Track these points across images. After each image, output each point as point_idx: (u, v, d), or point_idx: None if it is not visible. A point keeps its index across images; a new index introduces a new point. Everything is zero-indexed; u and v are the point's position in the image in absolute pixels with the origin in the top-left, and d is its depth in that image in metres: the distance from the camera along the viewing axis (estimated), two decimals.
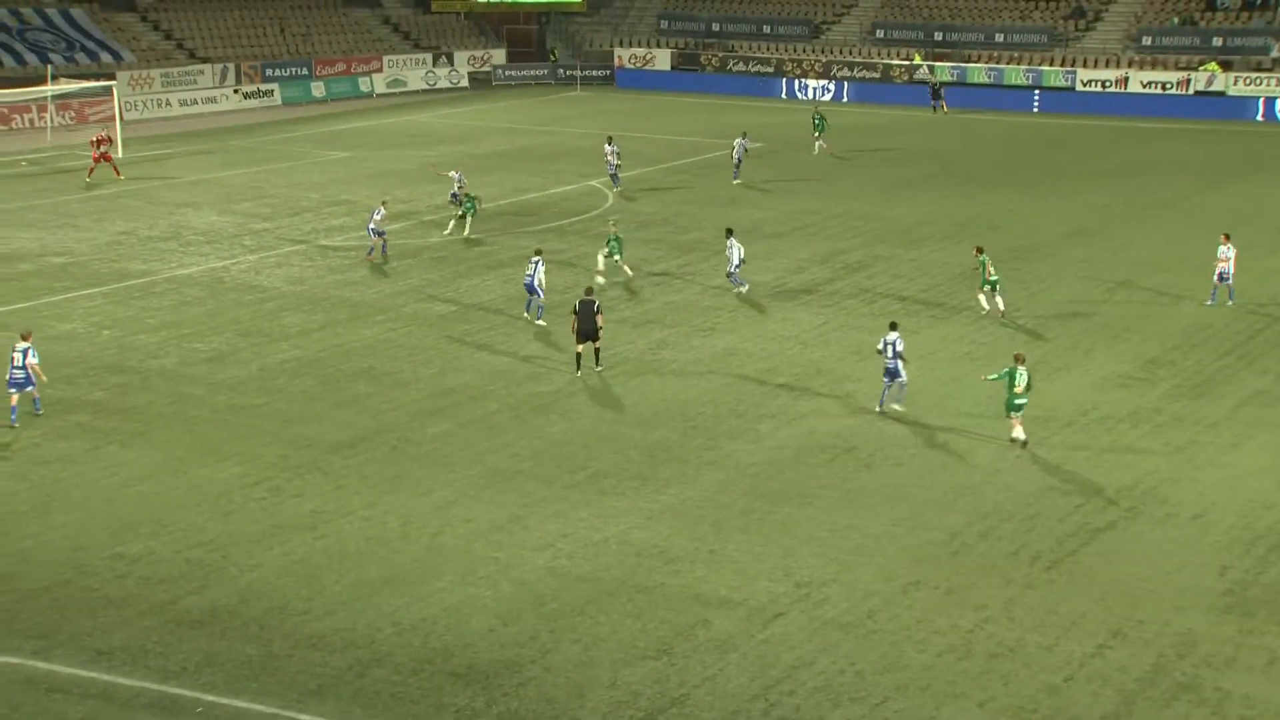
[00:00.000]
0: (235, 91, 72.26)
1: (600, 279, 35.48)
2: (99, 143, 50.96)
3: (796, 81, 77.46)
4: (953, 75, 74.87)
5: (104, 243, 40.93)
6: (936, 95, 72.57)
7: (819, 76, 77.35)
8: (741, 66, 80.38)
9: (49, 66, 64.17)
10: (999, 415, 26.33)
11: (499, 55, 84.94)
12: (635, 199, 47.59)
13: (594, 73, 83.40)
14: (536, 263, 32.39)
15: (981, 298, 33.43)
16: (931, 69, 75.05)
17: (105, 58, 70.02)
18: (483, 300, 34.92)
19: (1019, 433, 25.01)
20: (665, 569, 20.28)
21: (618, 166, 48.34)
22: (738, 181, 50.18)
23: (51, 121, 62.21)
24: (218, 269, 38.01)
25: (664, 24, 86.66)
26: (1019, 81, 73.36)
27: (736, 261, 35.13)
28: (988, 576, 20.14)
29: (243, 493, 22.92)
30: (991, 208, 46.75)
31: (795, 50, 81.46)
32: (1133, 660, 17.90)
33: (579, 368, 29.00)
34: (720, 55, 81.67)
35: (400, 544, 21.10)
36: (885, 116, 70.66)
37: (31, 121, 62.70)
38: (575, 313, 28.77)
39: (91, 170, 51.00)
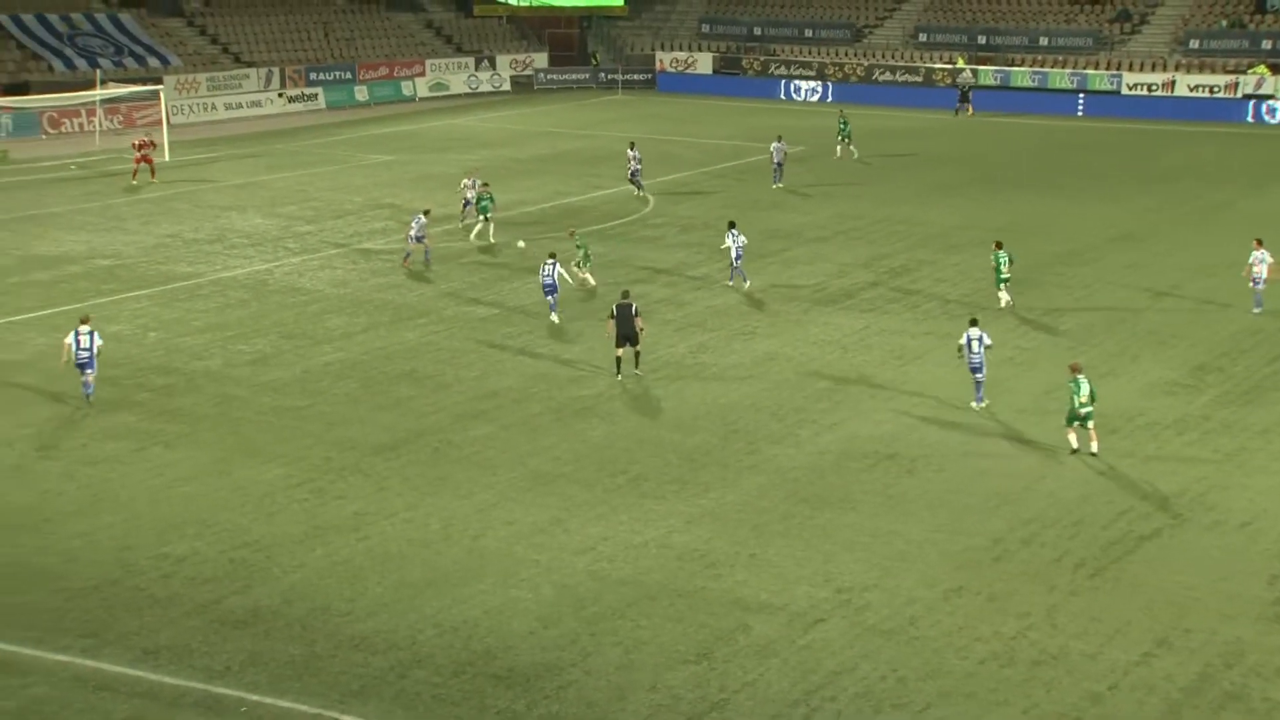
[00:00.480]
0: (280, 95, 72.79)
1: (590, 280, 35.77)
2: (140, 146, 51.43)
3: (792, 83, 77.22)
4: (996, 79, 74.46)
5: (150, 245, 41.33)
6: (964, 98, 72.27)
7: (860, 80, 77.11)
8: (783, 70, 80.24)
9: (98, 71, 64.88)
10: (1042, 420, 26.17)
11: (541, 59, 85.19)
12: (678, 203, 47.59)
13: (635, 76, 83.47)
14: (553, 264, 32.82)
15: (1001, 294, 33.90)
16: (957, 71, 74.66)
17: (153, 62, 70.69)
18: (524, 303, 35.00)
19: (1091, 445, 24.52)
20: (706, 573, 20.27)
21: (639, 171, 48.21)
22: (779, 185, 50.11)
23: (100, 125, 62.89)
24: (262, 271, 38.30)
25: (705, 28, 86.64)
26: (1063, 85, 72.90)
27: (737, 254, 35.77)
28: (1031, 583, 20.02)
29: (286, 494, 23.08)
30: (1033, 212, 46.46)
31: (837, 54, 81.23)
32: (1179, 669, 17.74)
33: (619, 371, 29.05)
34: (762, 59, 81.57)
35: (442, 546, 21.19)
36: (926, 120, 70.32)
37: (80, 125, 63.38)
38: (613, 316, 28.81)
39: (135, 173, 51.49)
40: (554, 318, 33.08)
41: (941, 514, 22.34)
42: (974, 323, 27.26)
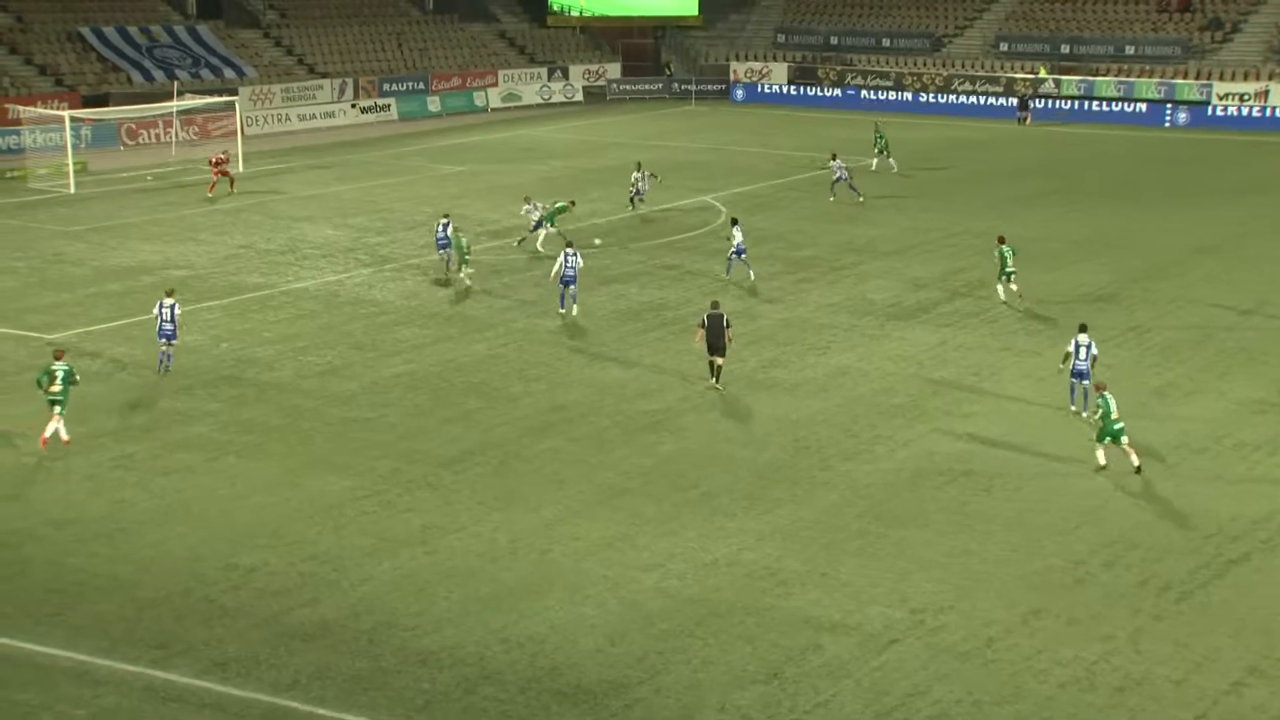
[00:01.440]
0: (353, 106, 73.56)
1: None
2: (216, 162, 52.19)
3: (869, 93, 76.72)
4: (1079, 89, 73.60)
5: (223, 256, 41.87)
6: (1024, 106, 71.52)
7: (940, 90, 76.55)
8: (860, 80, 79.87)
9: (175, 82, 65.94)
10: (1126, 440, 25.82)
11: (614, 69, 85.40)
12: (750, 215, 47.48)
13: (709, 87, 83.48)
14: (573, 254, 34.16)
15: (1000, 288, 35.60)
16: (1039, 82, 73.88)
17: (229, 73, 71.74)
18: (593, 315, 35.04)
19: (1132, 459, 24.49)
20: (776, 591, 20.13)
21: (645, 191, 47.89)
22: (833, 199, 49.66)
23: (176, 136, 63.89)
24: (332, 283, 38.66)
25: (781, 37, 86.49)
26: (1150, 95, 71.89)
27: (736, 249, 37.68)
28: (1113, 607, 19.66)
29: (354, 506, 23.23)
30: (1116, 225, 45.83)
31: (916, 63, 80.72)
32: (1271, 699, 17.32)
33: (715, 377, 29.17)
34: (838, 69, 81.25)
35: (509, 560, 21.21)
36: (1005, 132, 69.69)
37: (157, 136, 64.40)
38: (703, 326, 29.22)
39: (212, 185, 52.21)
40: (569, 310, 34.36)
41: (1019, 534, 22.03)
42: (1083, 329, 27.42)
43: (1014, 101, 73.23)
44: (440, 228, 39.68)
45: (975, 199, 51.02)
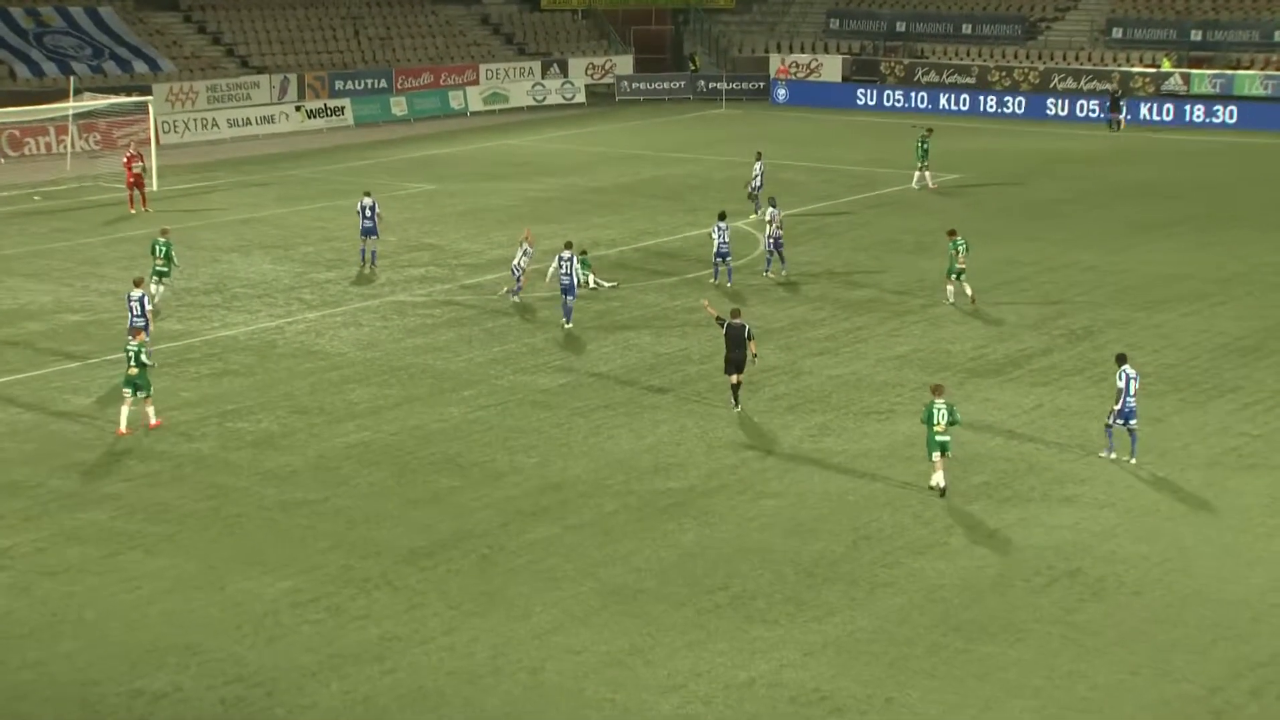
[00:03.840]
0: (297, 109, 74.21)
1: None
2: (130, 161, 52.50)
3: (945, 93, 77.01)
4: (1213, 86, 73.90)
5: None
6: (1116, 107, 71.82)
7: (1035, 89, 76.97)
8: (933, 76, 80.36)
9: (71, 78, 66.45)
10: (1274, 535, 25.66)
11: (624, 63, 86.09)
12: (795, 244, 47.65)
13: (744, 85, 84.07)
14: (570, 259, 36.94)
15: (949, 288, 39.38)
16: (1163, 77, 74.22)
17: (139, 67, 72.42)
18: (600, 370, 35.12)
19: (939, 478, 27.46)
20: None
21: (759, 189, 49.10)
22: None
23: (73, 146, 64.36)
24: (270, 330, 38.81)
25: (834, 23, 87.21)
26: None
27: (721, 251, 41.44)
28: None
29: (294, 613, 23.18)
30: (1269, 259, 45.83)
31: (1004, 55, 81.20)
32: None
33: (736, 402, 31.82)
34: (905, 62, 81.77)
35: (491, 681, 21.14)
36: (1122, 140, 69.95)
37: (49, 146, 64.93)
38: (725, 337, 31.70)
39: (131, 198, 52.57)
40: (565, 323, 37.16)
41: (1140, 651, 21.92)
42: (1124, 359, 29.15)
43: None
44: (366, 209, 43.77)
45: (1082, 224, 51.08)
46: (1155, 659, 21.69)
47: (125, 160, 53.02)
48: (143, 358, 30.69)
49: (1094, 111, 74.90)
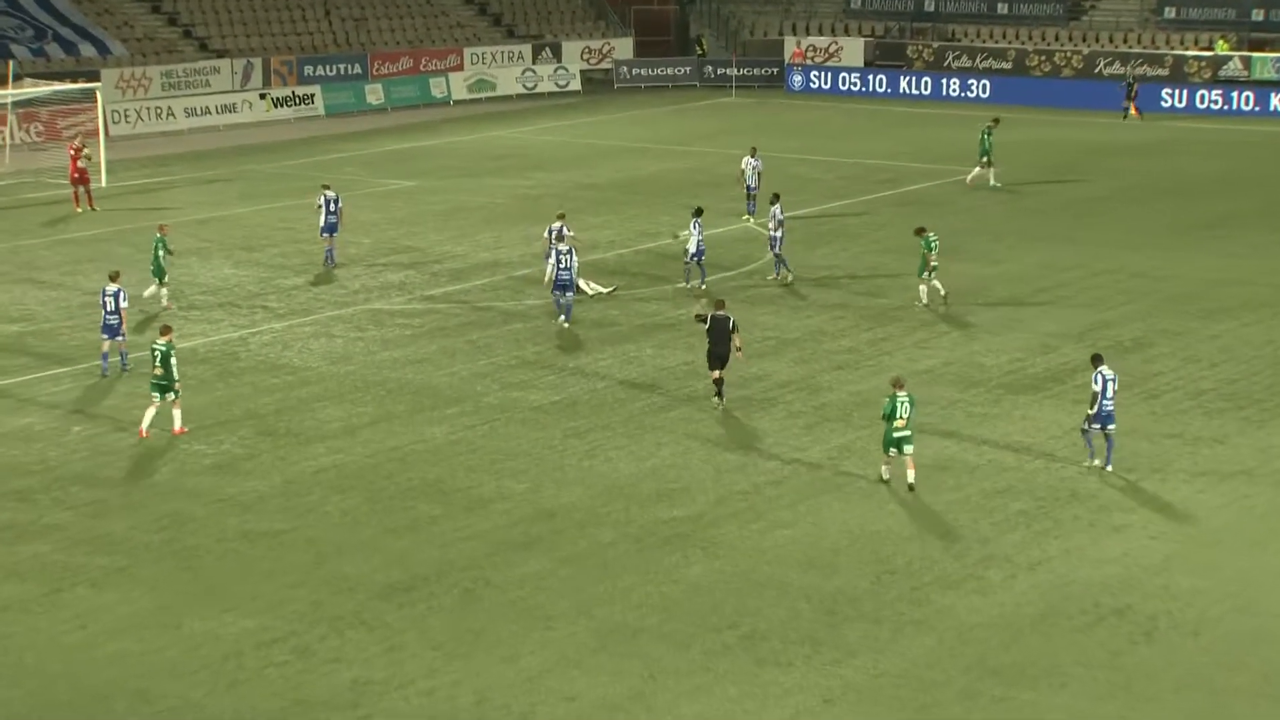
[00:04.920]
0: (261, 97, 74.22)
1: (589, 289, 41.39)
2: (76, 154, 52.48)
3: (978, 80, 77.01)
4: (1277, 70, 73.91)
5: (76, 305, 42.05)
6: (1130, 94, 71.95)
7: (1079, 74, 77.05)
8: (965, 61, 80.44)
9: (10, 62, 66.40)
10: None
11: (623, 47, 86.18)
12: (812, 248, 47.69)
13: (756, 71, 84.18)
14: (569, 251, 38.43)
15: (923, 289, 40.56)
16: (1221, 61, 74.22)
17: (86, 50, 72.46)
18: (596, 386, 35.12)
19: (903, 474, 28.96)
20: None
21: (755, 188, 49.38)
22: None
23: (11, 137, 64.36)
24: (231, 341, 38.79)
25: (855, 3, 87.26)
26: None
27: (695, 250, 42.32)
28: None
29: (258, 655, 23.16)
30: None
31: (1044, 38, 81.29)
32: None
33: (720, 397, 33.30)
34: (935, 45, 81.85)
35: None
36: (1175, 131, 70.00)
37: None
38: (708, 331, 32.88)
39: (76, 196, 52.57)
40: (564, 322, 39.08)
41: (1198, 698, 21.89)
42: (1100, 360, 30.14)
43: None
44: (327, 201, 44.86)
45: (1130, 224, 51.09)
46: (1215, 707, 21.67)
47: (73, 150, 53.00)
48: (171, 360, 31.78)
49: (1147, 98, 74.91)
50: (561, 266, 38.98)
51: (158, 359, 31.87)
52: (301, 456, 31.10)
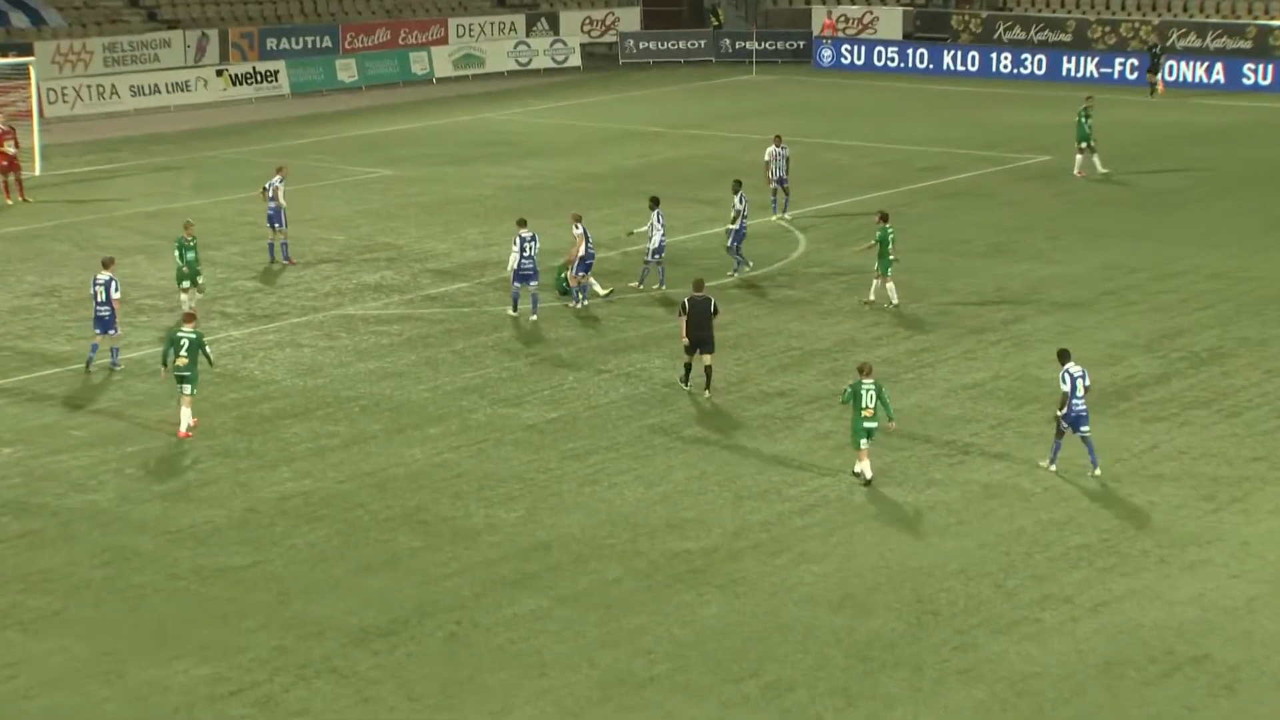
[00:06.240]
0: (218, 74, 74.32)
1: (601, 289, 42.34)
2: (2, 139, 52.43)
3: (1032, 55, 77.02)
4: None
5: (7, 309, 42.10)
6: (1155, 67, 71.95)
7: (1148, 48, 77.01)
8: (1018, 33, 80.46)
9: None
10: None
11: (630, 17, 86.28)
12: (843, 245, 47.67)
13: (779, 45, 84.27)
14: (531, 239, 39.63)
15: (874, 284, 41.50)
16: (1269, 32, 74.31)
17: (17, 19, 72.59)
18: (597, 402, 35.12)
19: (865, 467, 30.32)
20: None
21: (786, 178, 49.67)
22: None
23: None
24: None
25: None
26: None
27: (658, 244, 42.80)
28: None
29: (213, 708, 23.14)
30: None
31: (1109, 7, 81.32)
32: None
33: (687, 381, 34.99)
34: (983, 15, 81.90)
35: None
36: (1265, 111, 69.98)
37: None
38: (684, 313, 34.51)
39: (5, 186, 52.58)
40: (528, 313, 40.16)
41: None
42: (1067, 356, 31.16)
43: (1275, 66, 73.34)
44: (272, 189, 45.22)
45: (1206, 219, 51.08)
46: None
47: None
48: (203, 350, 33.12)
49: (1220, 78, 74.90)
50: (525, 254, 39.79)
51: (184, 348, 32.91)
52: (264, 482, 31.08)
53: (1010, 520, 29.19)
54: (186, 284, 40.36)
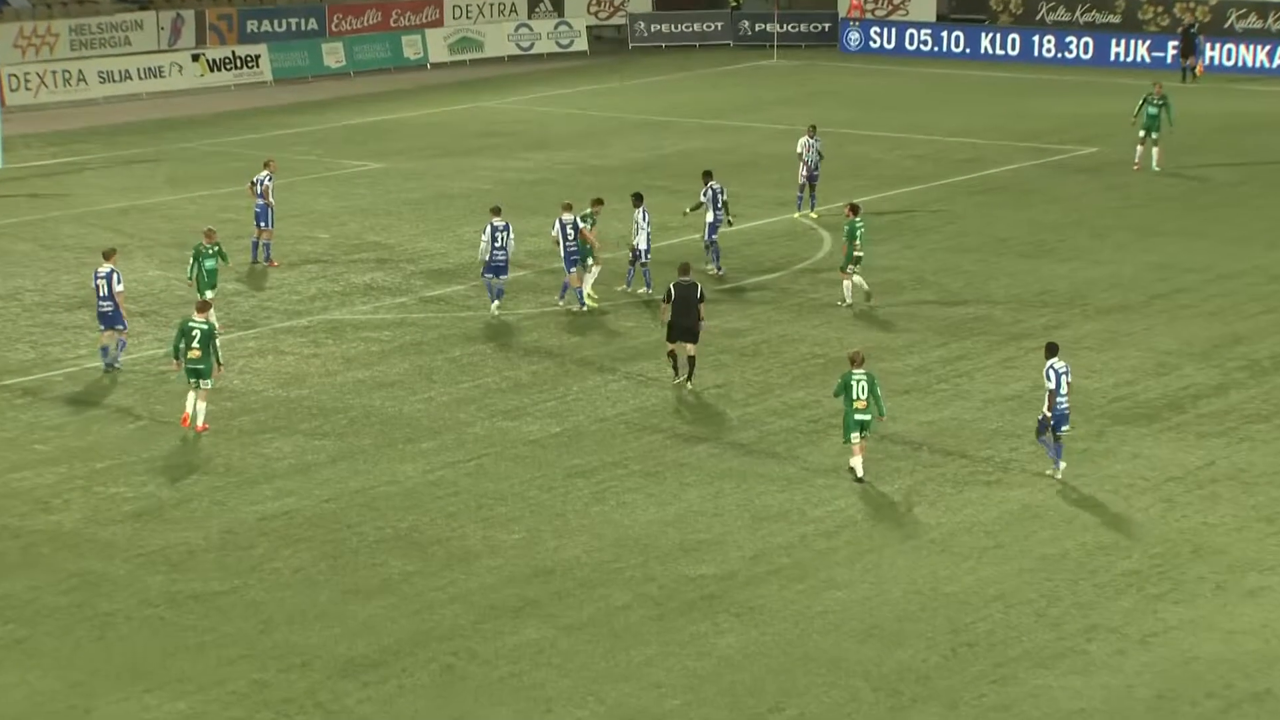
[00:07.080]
0: (195, 59, 74.34)
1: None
2: None
3: (1078, 38, 77.03)
4: None
5: None
6: (1190, 49, 71.78)
7: (1205, 31, 76.94)
8: (1062, 14, 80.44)
9: None
10: None
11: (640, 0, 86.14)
12: (872, 243, 47.65)
13: (803, 27, 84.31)
14: (504, 228, 40.27)
15: (847, 283, 41.92)
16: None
17: None
18: (604, 414, 35.13)
19: (858, 463, 31.21)
20: None
21: (817, 168, 50.18)
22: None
23: None
24: (157, 359, 38.79)
25: None
26: None
27: (645, 246, 42.96)
28: None
29: None
30: None
31: None
32: None
33: (678, 373, 36.06)
34: None
35: None
36: None
37: None
38: (668, 300, 35.56)
39: None
40: (494, 309, 41.21)
41: None
42: (1054, 350, 31.71)
43: None
44: (261, 186, 45.34)
45: (1271, 217, 51.02)
46: None
47: None
48: (214, 341, 33.80)
49: (1268, 61, 74.85)
50: (497, 245, 40.49)
51: (196, 339, 33.51)
52: (243, 501, 31.12)
53: (1053, 543, 29.18)
54: (210, 293, 40.00)
